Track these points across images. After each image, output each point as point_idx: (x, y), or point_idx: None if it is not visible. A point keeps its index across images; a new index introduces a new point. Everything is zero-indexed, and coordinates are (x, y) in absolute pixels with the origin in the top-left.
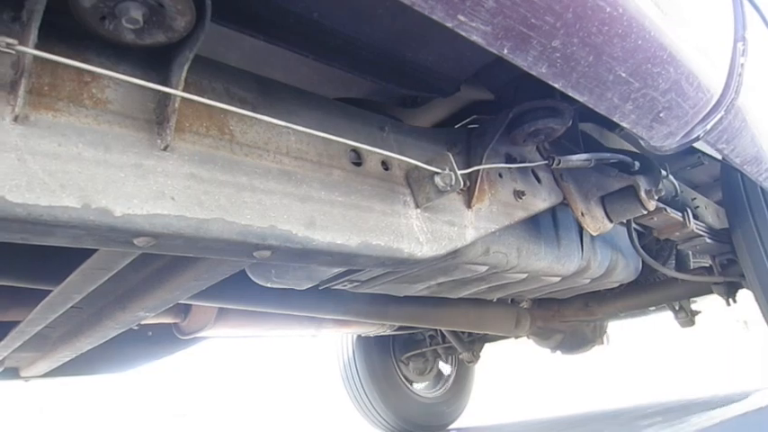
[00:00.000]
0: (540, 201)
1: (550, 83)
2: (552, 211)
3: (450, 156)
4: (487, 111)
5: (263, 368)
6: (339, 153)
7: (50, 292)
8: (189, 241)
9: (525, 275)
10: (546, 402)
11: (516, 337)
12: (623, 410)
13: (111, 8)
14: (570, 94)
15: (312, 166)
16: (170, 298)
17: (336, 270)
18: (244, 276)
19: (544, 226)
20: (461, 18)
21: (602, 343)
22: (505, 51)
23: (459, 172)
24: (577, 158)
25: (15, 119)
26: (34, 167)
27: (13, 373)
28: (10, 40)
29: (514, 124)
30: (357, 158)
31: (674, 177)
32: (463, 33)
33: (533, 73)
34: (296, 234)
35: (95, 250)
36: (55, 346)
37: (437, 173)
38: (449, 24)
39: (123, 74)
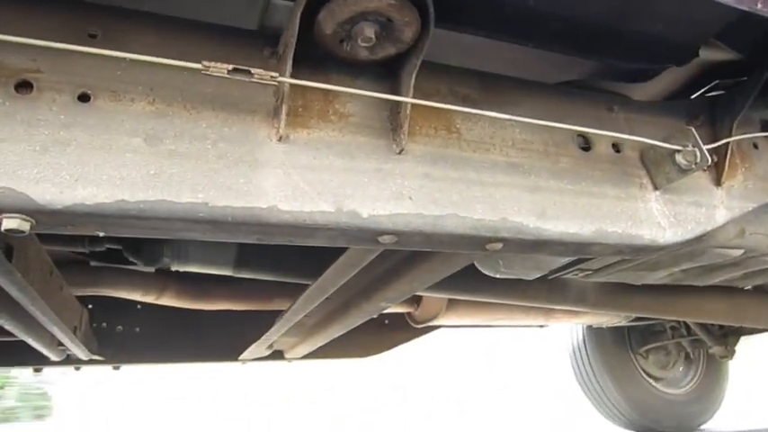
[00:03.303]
0: None
1: None
2: None
3: (693, 130)
4: (733, 73)
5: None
6: (565, 139)
7: (308, 285)
8: (426, 237)
9: None
10: None
11: None
12: None
13: (348, 31)
14: None
15: (539, 156)
16: (408, 289)
17: (567, 259)
18: (472, 267)
19: None
20: None
21: None
22: (759, 6)
23: (705, 147)
24: None
25: (280, 139)
26: (296, 179)
27: (279, 354)
28: (273, 74)
29: None
30: (585, 143)
31: None
32: None
33: None
34: (527, 225)
35: (345, 249)
36: (311, 331)
37: (677, 150)
38: None
39: (359, 88)
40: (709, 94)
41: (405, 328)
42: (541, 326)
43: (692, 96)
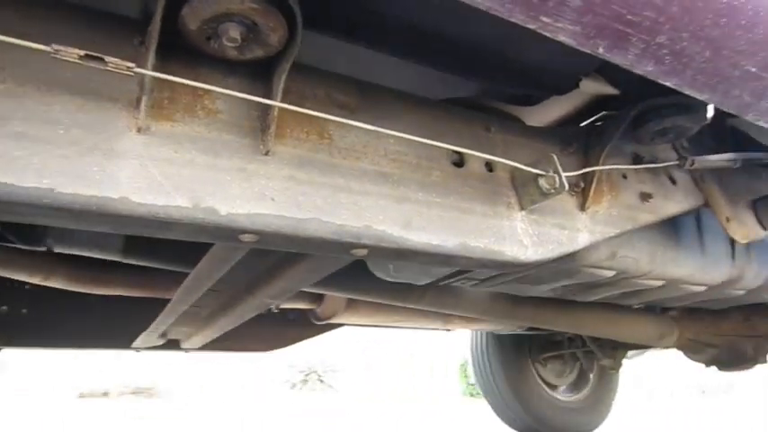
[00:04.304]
0: (674, 204)
1: (660, 81)
2: (697, 214)
3: (555, 157)
4: (616, 106)
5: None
6: (439, 155)
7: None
8: (288, 239)
9: (662, 282)
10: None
11: (664, 348)
12: None
13: (214, 29)
14: (687, 92)
15: (410, 168)
16: (289, 287)
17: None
18: (368, 269)
19: (685, 230)
20: (545, 19)
21: (765, 362)
22: (600, 50)
23: (566, 174)
24: (718, 158)
25: (139, 130)
26: (153, 172)
27: (176, 344)
28: (129, 64)
29: (640, 122)
30: (459, 160)
31: None
32: (548, 34)
33: (638, 72)
34: (391, 234)
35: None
36: (204, 323)
37: (541, 175)
38: (531, 26)
39: (232, 86)
40: (590, 124)
41: (307, 325)
42: (447, 329)
43: (582, 125)
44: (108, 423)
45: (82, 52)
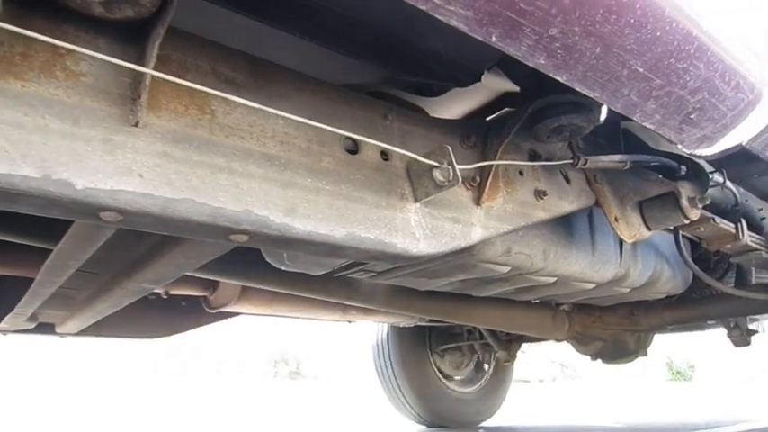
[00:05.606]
0: (567, 203)
1: (552, 76)
2: (589, 214)
3: (449, 149)
4: (517, 103)
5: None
6: (332, 140)
7: None
8: (157, 220)
9: (554, 279)
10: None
11: (557, 341)
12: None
13: None
14: (578, 89)
15: (299, 152)
16: (167, 272)
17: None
18: (263, 257)
19: (578, 229)
20: (436, 1)
21: (646, 355)
22: (493, 39)
23: (461, 167)
24: (608, 159)
25: None
26: None
27: (49, 328)
28: None
29: (537, 119)
30: (353, 147)
31: (739, 185)
32: (441, 18)
33: (530, 64)
34: (273, 220)
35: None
36: (81, 306)
37: (435, 166)
38: (422, 7)
39: (101, 48)
40: (491, 119)
41: (200, 313)
42: (348, 321)
43: (488, 119)
44: None
45: None
